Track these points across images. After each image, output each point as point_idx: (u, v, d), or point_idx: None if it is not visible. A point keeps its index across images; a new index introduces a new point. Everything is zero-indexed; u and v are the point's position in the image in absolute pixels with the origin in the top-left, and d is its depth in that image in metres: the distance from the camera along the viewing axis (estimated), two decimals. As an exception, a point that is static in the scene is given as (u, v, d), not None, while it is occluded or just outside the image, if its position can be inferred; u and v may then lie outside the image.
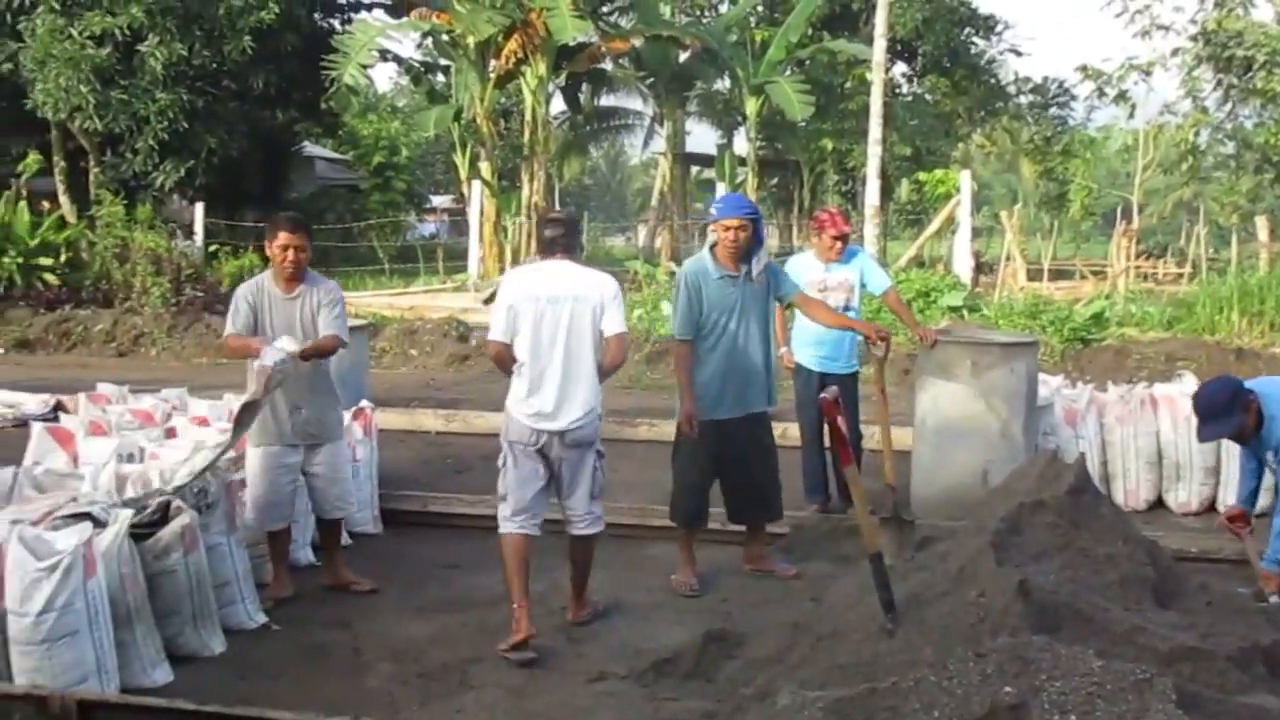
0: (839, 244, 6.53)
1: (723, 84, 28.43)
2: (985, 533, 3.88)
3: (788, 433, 7.02)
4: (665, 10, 27.39)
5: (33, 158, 19.54)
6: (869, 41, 19.29)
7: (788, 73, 24.32)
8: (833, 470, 6.68)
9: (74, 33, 18.30)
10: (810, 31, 25.03)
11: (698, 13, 28.86)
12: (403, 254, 25.35)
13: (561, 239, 4.91)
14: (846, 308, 6.43)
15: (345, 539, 5.94)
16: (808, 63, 25.67)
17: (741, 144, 28.15)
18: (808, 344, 6.53)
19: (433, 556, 5.90)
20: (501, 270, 19.69)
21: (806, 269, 6.51)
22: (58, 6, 18.73)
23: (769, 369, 5.57)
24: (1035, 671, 2.81)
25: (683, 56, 27.02)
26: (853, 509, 6.43)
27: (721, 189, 19.72)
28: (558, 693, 4.33)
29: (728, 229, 5.35)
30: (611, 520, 5.69)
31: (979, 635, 3.20)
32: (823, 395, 4.02)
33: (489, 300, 15.02)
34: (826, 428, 6.41)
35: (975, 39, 28.64)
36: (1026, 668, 2.83)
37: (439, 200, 40.14)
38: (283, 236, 5.17)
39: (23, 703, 3.72)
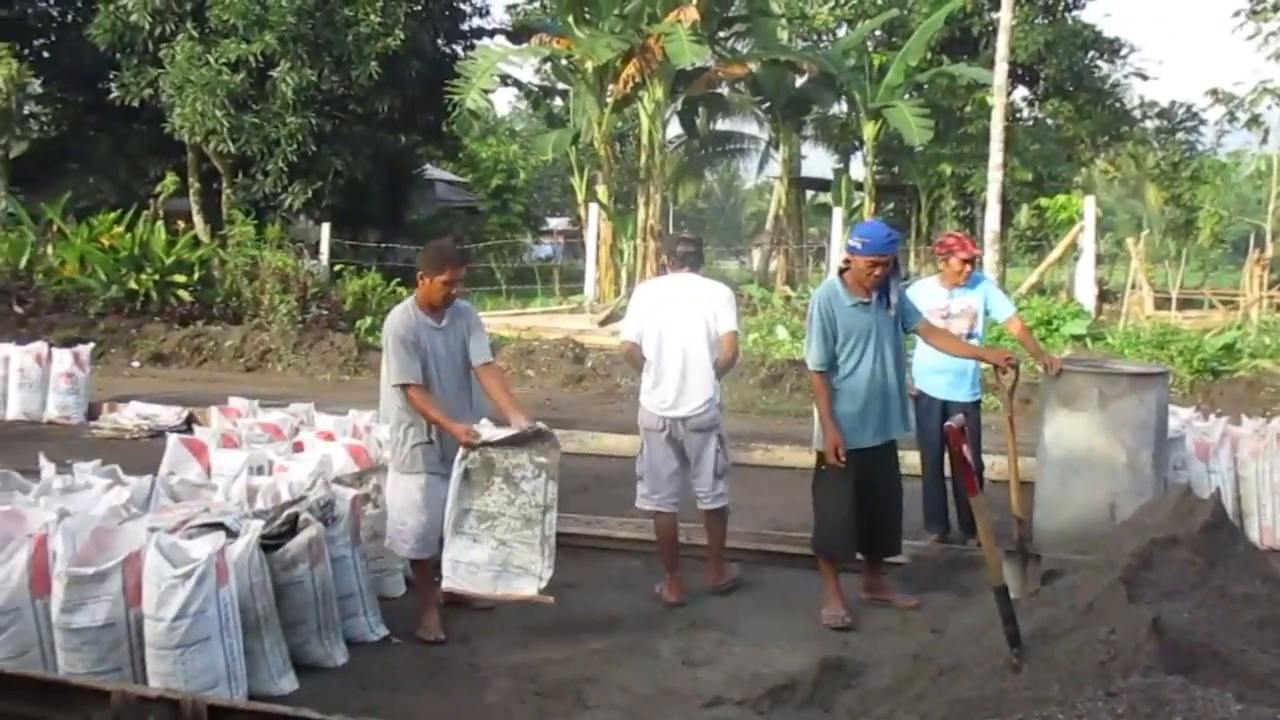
0: (968, 268, 6.43)
1: (839, 108, 28.26)
2: (1115, 568, 3.76)
3: (905, 460, 6.91)
4: (783, 35, 27.37)
5: (170, 179, 20.35)
6: (989, 65, 18.99)
7: (906, 97, 24.07)
8: (953, 500, 6.58)
9: (211, 59, 19.01)
10: (929, 55, 24.75)
11: (815, 37, 28.75)
12: (519, 275, 25.71)
13: (687, 255, 5.76)
14: (970, 334, 6.33)
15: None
16: (926, 87, 25.38)
17: (858, 169, 27.94)
18: (931, 371, 6.43)
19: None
20: (617, 293, 19.84)
21: (929, 295, 6.42)
22: (196, 34, 19.49)
23: (904, 394, 5.51)
24: (1169, 714, 2.71)
25: (799, 81, 26.92)
26: (973, 540, 6.35)
27: (838, 214, 19.54)
28: (673, 717, 4.32)
29: (874, 265, 5.18)
30: (728, 545, 5.73)
31: (1109, 674, 3.09)
32: (948, 424, 3.95)
33: (605, 322, 15.14)
34: (949, 457, 6.32)
35: (1099, 62, 27.98)
36: (1160, 709, 2.73)
37: (555, 223, 40.65)
38: (450, 271, 5.05)
39: (157, 705, 3.83)
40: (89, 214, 18.85)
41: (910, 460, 6.87)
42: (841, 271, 5.36)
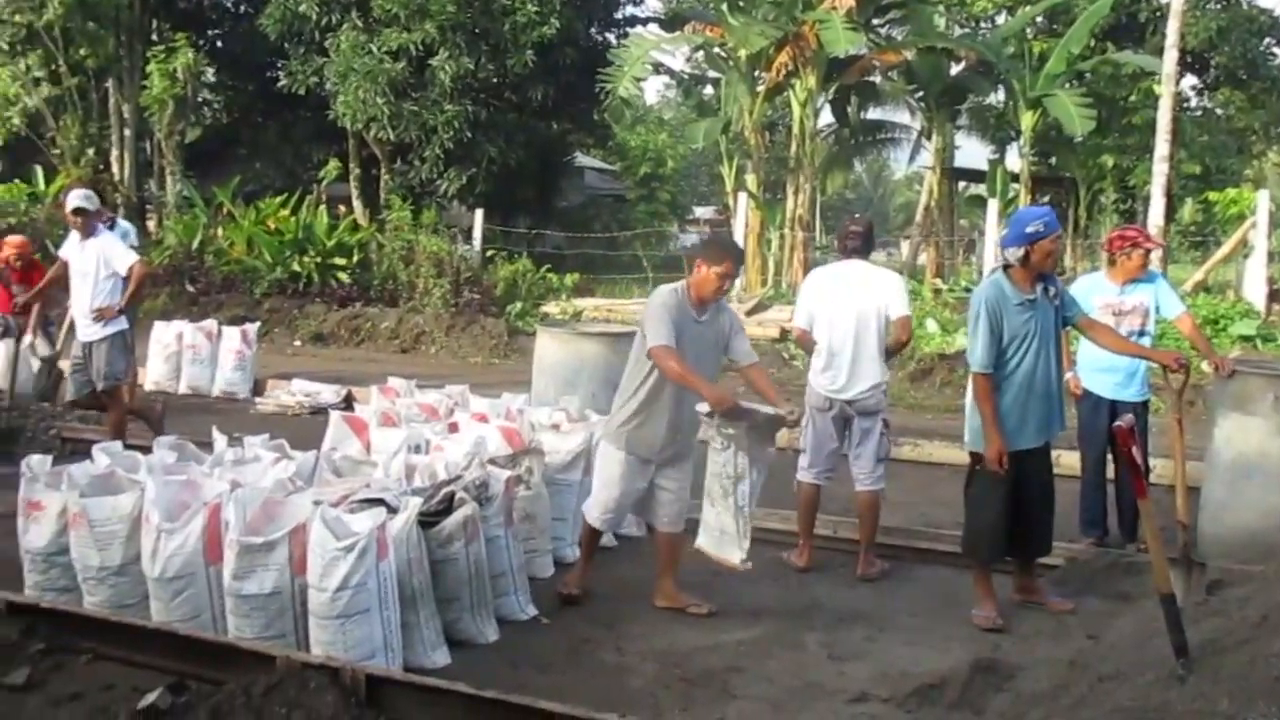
0: (1145, 260, 6.23)
1: (997, 97, 27.48)
2: (1293, 580, 3.60)
3: (1061, 460, 6.71)
4: (939, 22, 26.74)
5: (332, 165, 21.06)
6: (1157, 53, 18.23)
7: (1067, 86, 23.27)
8: (1112, 503, 6.37)
9: (373, 48, 19.55)
10: (1093, 43, 23.86)
11: (973, 24, 28.02)
12: (666, 263, 25.78)
13: (856, 243, 5.93)
14: (1141, 333, 6.11)
15: (613, 540, 6.09)
16: (1089, 75, 24.49)
17: (1014, 159, 27.16)
18: (1098, 369, 6.22)
19: (702, 563, 5.90)
20: (764, 283, 19.72)
21: (1099, 291, 6.22)
22: (360, 24, 20.08)
23: (1063, 393, 5.39)
24: (1351, 736, 2.58)
25: (955, 69, 26.29)
26: (1131, 545, 6.15)
27: (993, 206, 19.02)
28: (818, 710, 4.29)
29: (1055, 242, 5.10)
30: (878, 540, 5.68)
31: (1284, 690, 2.97)
32: (1117, 423, 3.82)
33: (752, 312, 15.07)
34: (1112, 458, 6.13)
35: (1276, 49, 26.60)
36: (1341, 731, 2.61)
37: (701, 211, 40.63)
38: (729, 265, 5.08)
39: (318, 672, 3.97)
40: (256, 198, 19.71)
41: (1066, 460, 6.70)
42: (1006, 268, 5.19)
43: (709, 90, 26.76)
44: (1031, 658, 4.66)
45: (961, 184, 31.94)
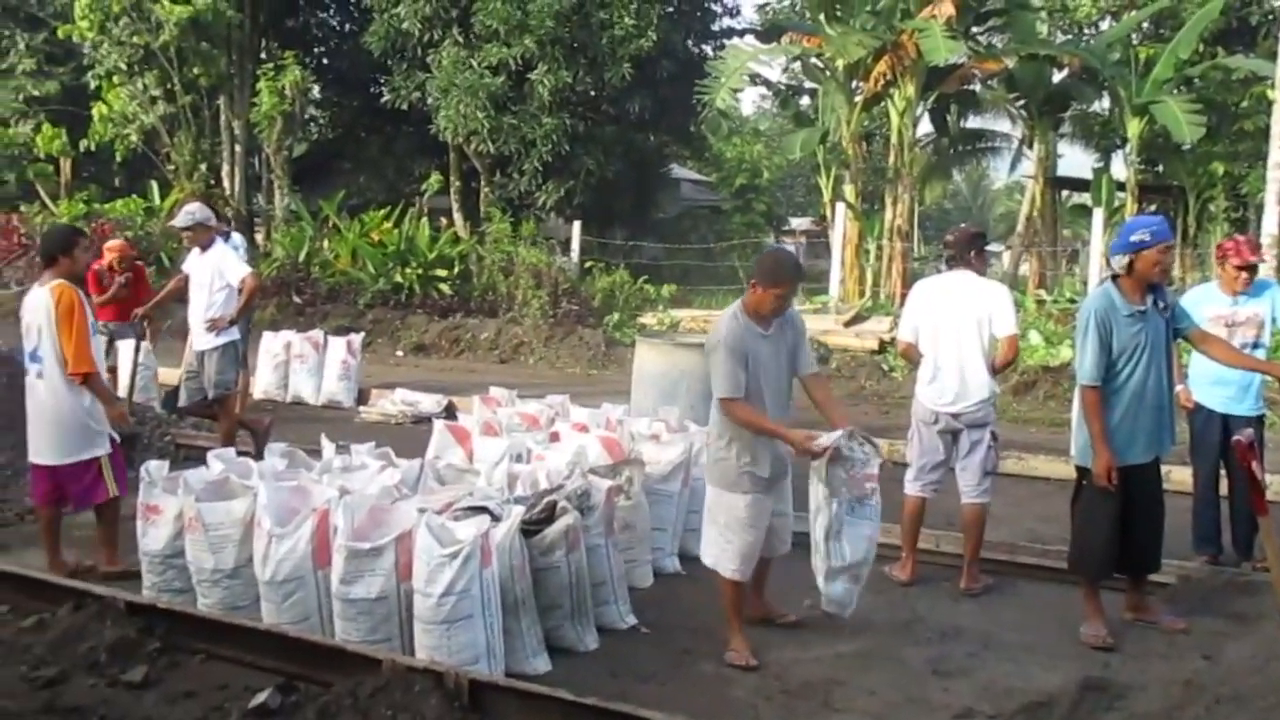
0: (1244, 275, 6.01)
1: (1101, 105, 26.88)
2: None
3: (1171, 475, 6.53)
4: (1042, 29, 26.26)
5: (434, 178, 21.42)
6: (1269, 57, 17.64)
7: (1175, 92, 22.66)
8: (1226, 520, 6.19)
9: (474, 63, 19.83)
10: (1202, 48, 23.19)
11: (1077, 30, 27.46)
12: (761, 275, 25.69)
13: (961, 253, 5.85)
14: (1255, 345, 5.92)
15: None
16: (1198, 81, 23.82)
17: (1119, 168, 26.53)
18: (1211, 382, 6.04)
19: (801, 575, 5.83)
20: (862, 294, 19.53)
21: (1210, 302, 6.04)
22: (461, 40, 20.39)
23: (1174, 407, 5.23)
24: None
25: (1058, 76, 25.78)
26: (1248, 563, 5.95)
27: (1098, 215, 18.58)
28: (922, 726, 4.24)
29: (1164, 252, 4.93)
30: (982, 555, 5.60)
31: None
32: (1237, 438, 3.72)
33: (850, 323, 14.94)
34: (1225, 473, 5.96)
35: (1396, 52, 25.55)
36: None
37: (798, 222, 40.42)
38: (786, 286, 4.84)
39: (422, 676, 4.04)
40: (360, 211, 20.16)
41: (1176, 476, 6.51)
42: (1115, 278, 5.06)
43: (806, 101, 26.60)
44: (1143, 677, 4.54)
45: (1065, 193, 31.31)
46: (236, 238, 10.22)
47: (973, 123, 28.98)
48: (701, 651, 4.91)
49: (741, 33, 24.99)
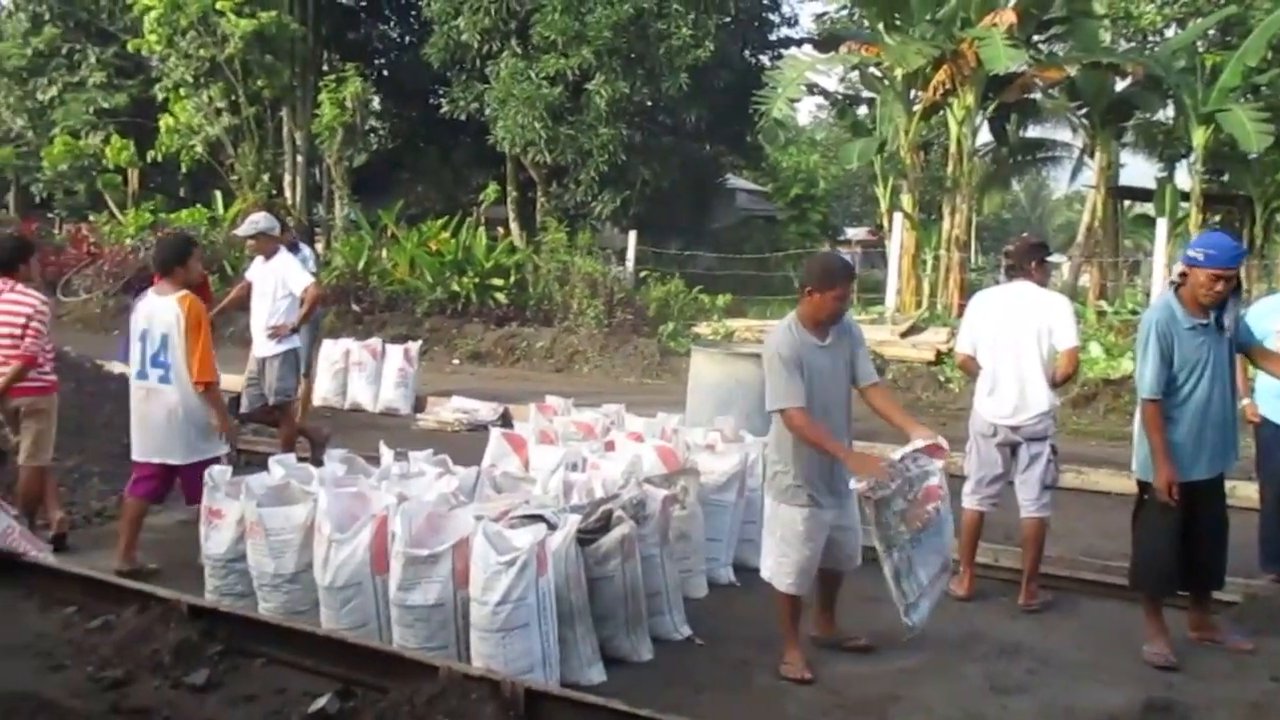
0: None
1: (1166, 113, 26.46)
2: None
3: (1236, 490, 6.40)
4: (1105, 37, 25.93)
5: (491, 188, 21.59)
6: (1344, 63, 17.31)
7: (1243, 100, 22.27)
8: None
9: (532, 74, 19.97)
10: (1270, 55, 22.78)
11: (1141, 38, 27.08)
12: (817, 284, 25.58)
13: (1022, 264, 5.77)
14: (1324, 359, 5.79)
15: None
16: (1266, 89, 23.39)
17: (1184, 177, 26.10)
18: (1277, 396, 5.93)
19: (860, 589, 5.67)
20: (919, 304, 19.38)
21: (1273, 314, 5.93)
22: (519, 51, 20.55)
23: (1238, 422, 5.12)
24: None
25: (1121, 84, 25.44)
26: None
27: (1162, 225, 18.30)
28: (980, 743, 4.19)
29: (1215, 280, 4.77)
30: (1042, 570, 5.53)
31: None
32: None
33: (906, 334, 14.82)
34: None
35: None
36: None
37: (853, 232, 40.20)
38: (842, 286, 4.75)
39: (479, 684, 4.07)
40: (418, 221, 20.35)
41: (1241, 491, 6.40)
42: (1177, 289, 4.97)
43: (863, 110, 26.45)
44: (1209, 699, 4.47)
45: (1126, 203, 30.88)
46: (306, 250, 10.36)
47: (1033, 132, 28.69)
48: (757, 663, 4.89)
49: (799, 42, 24.95)
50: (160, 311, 5.90)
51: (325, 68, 23.80)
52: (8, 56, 27.32)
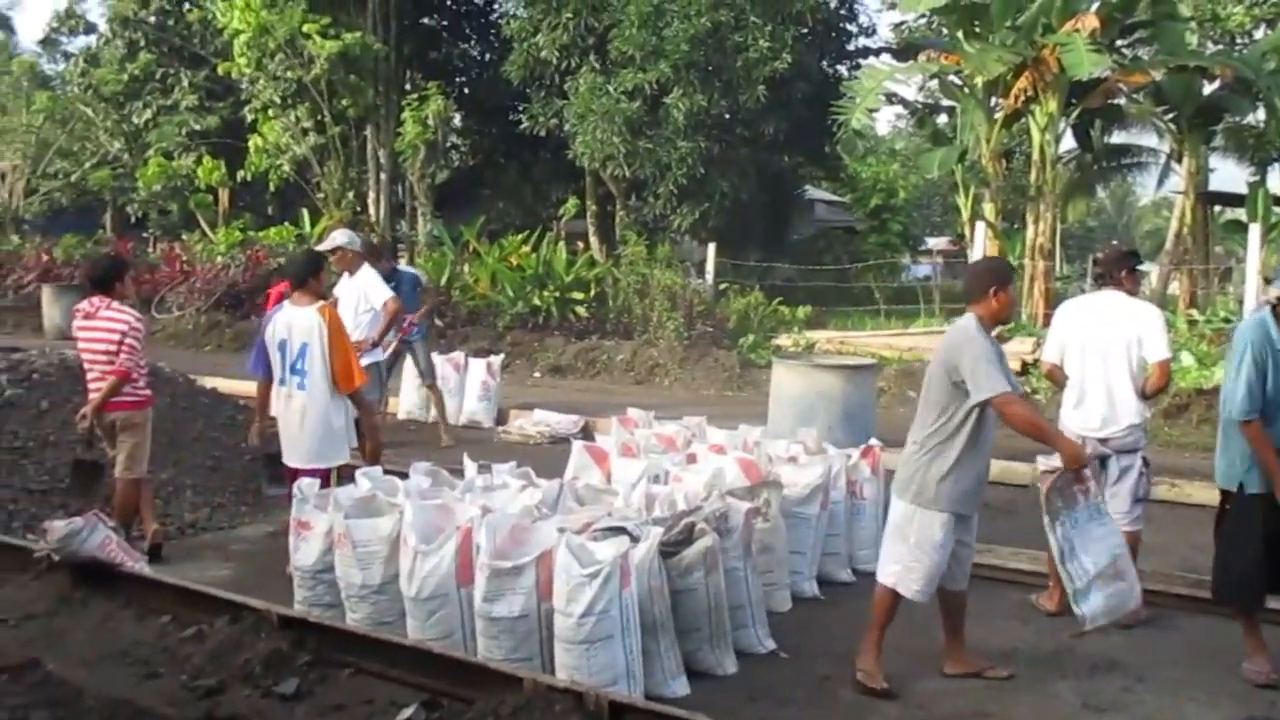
0: None
1: (1256, 116, 25.81)
2: None
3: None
4: (1191, 39, 25.37)
5: (570, 203, 21.75)
6: None
7: (1337, 101, 21.66)
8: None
9: (610, 89, 20.09)
10: (1364, 54, 22.16)
11: (1229, 40, 26.46)
12: (898, 295, 25.36)
13: (1111, 272, 5.65)
14: None
15: (850, 576, 6.03)
16: (1359, 89, 22.72)
17: (1277, 181, 25.46)
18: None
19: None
20: (1002, 314, 19.08)
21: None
22: (598, 66, 20.69)
23: None
24: None
25: (1209, 88, 24.86)
26: None
27: (1255, 231, 17.82)
28: (1073, 761, 4.10)
29: None
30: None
31: None
32: None
33: (989, 344, 14.59)
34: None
35: None
36: None
37: (934, 242, 39.78)
38: (1013, 281, 4.83)
39: (563, 696, 4.07)
40: (499, 236, 20.58)
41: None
42: (1273, 308, 4.83)
43: (943, 119, 26.20)
44: (1313, 718, 4.32)
45: (1216, 208, 30.18)
46: (411, 271, 10.57)
47: (1118, 137, 28.15)
48: (841, 678, 4.83)
49: (877, 52, 24.79)
50: (300, 321, 6.14)
51: (408, 86, 24.17)
52: (105, 82, 28.23)
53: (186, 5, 28.52)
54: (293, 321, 6.18)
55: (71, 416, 6.78)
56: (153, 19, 28.51)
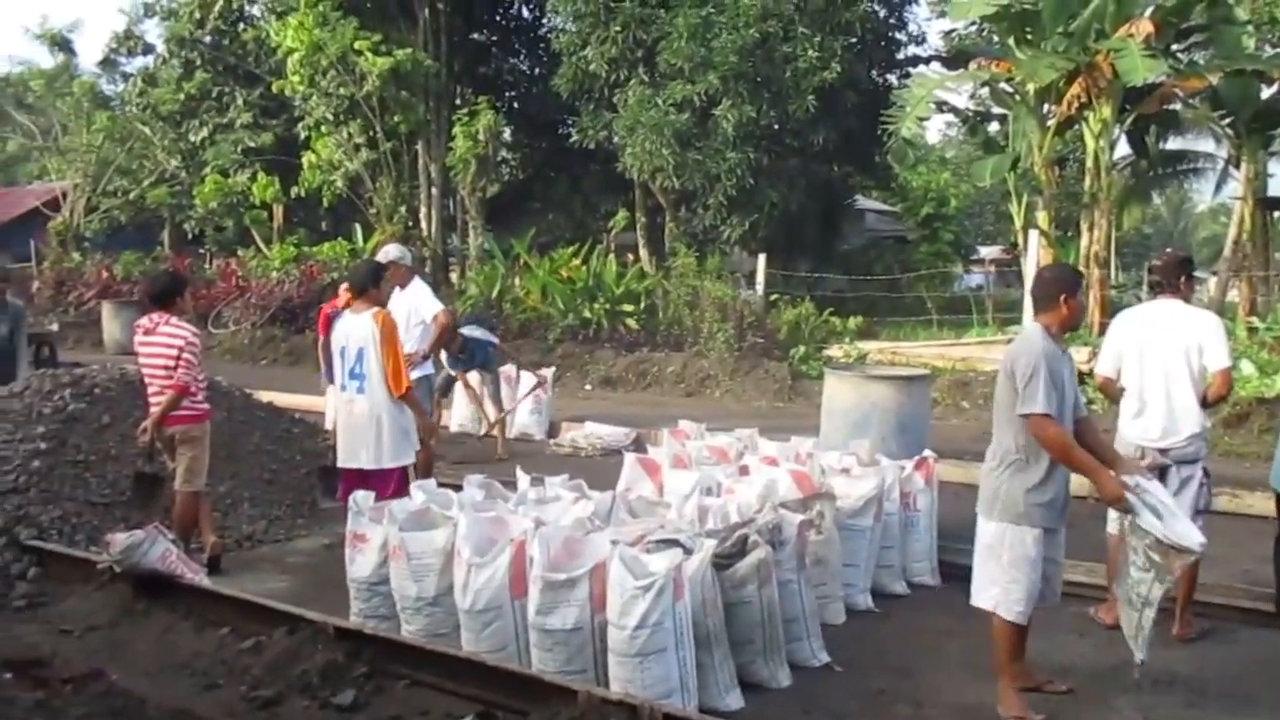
0: None
1: (1317, 120, 25.39)
2: None
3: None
4: (1248, 43, 24.97)
5: (620, 215, 21.81)
6: None
7: (1401, 104, 21.23)
8: None
9: (659, 101, 20.14)
10: None
11: (1287, 42, 26.04)
12: (950, 305, 25.15)
13: (1168, 280, 5.56)
14: None
15: (904, 588, 5.98)
16: None
17: (1340, 186, 24.97)
18: None
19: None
20: (1057, 322, 18.86)
21: None
22: (646, 79, 20.75)
23: None
24: None
25: (1266, 92, 24.45)
26: None
27: (1316, 237, 17.53)
28: (1135, 777, 4.04)
29: None
30: (1195, 598, 5.31)
31: None
32: None
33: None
34: None
35: None
36: None
37: (986, 251, 39.41)
38: (1081, 296, 4.72)
39: (617, 708, 4.07)
40: (550, 249, 20.70)
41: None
42: None
43: (995, 126, 25.96)
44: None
45: (1276, 214, 29.65)
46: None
47: (1174, 143, 27.78)
48: (897, 692, 4.80)
49: (927, 60, 24.62)
50: (356, 328, 6.36)
51: (458, 102, 24.39)
52: (163, 101, 28.73)
53: (241, 25, 28.97)
54: (351, 328, 6.40)
55: (132, 431, 6.88)
56: (208, 39, 28.98)
